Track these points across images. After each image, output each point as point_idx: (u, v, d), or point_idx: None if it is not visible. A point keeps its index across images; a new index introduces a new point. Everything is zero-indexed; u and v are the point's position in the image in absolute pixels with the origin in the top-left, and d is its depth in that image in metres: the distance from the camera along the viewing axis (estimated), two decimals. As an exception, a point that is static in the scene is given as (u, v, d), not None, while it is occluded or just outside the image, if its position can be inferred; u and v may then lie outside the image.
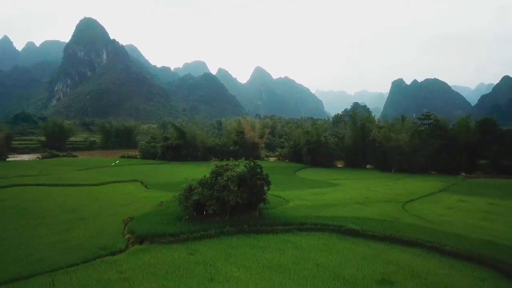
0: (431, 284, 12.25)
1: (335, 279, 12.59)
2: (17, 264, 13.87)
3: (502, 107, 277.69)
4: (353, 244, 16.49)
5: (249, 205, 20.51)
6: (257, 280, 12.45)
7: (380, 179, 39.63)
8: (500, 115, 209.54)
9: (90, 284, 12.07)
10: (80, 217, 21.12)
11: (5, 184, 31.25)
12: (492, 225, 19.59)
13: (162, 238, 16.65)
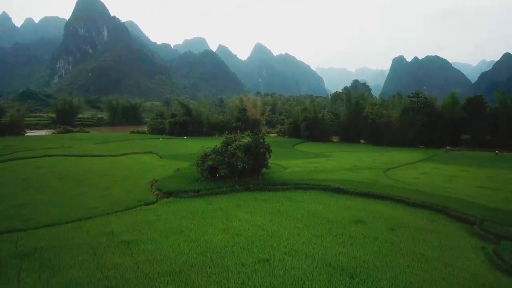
0: (393, 223, 16.22)
1: (321, 220, 16.55)
2: (75, 210, 17.85)
3: (501, 84, 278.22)
4: (337, 198, 20.47)
5: (253, 169, 24.45)
6: (261, 220, 16.43)
7: (370, 151, 43.50)
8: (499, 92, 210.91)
9: (136, 222, 16.04)
10: (112, 180, 25.09)
11: (37, 154, 35.15)
12: (454, 185, 23.53)
13: (184, 194, 20.64)
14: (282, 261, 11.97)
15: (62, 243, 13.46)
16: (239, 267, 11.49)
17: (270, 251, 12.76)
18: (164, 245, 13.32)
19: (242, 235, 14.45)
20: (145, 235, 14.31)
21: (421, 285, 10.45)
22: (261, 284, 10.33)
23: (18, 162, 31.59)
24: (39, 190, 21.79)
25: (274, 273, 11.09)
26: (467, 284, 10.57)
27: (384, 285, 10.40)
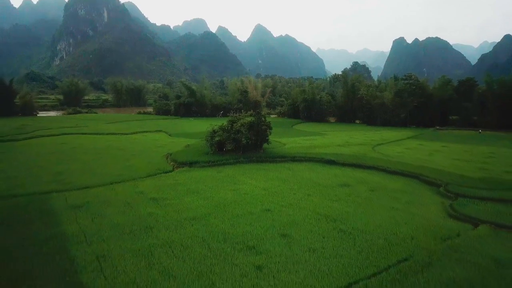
0: (373, 186, 19.29)
1: (313, 184, 19.62)
2: (105, 177, 20.89)
3: (501, 66, 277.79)
4: (329, 168, 23.54)
5: (256, 144, 27.45)
6: (263, 184, 19.51)
7: (364, 131, 46.42)
8: (498, 74, 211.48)
9: (159, 185, 19.12)
10: (130, 154, 28.11)
11: (56, 133, 38.09)
12: (433, 158, 26.57)
13: (196, 164, 23.70)
14: (281, 211, 15.08)
15: (103, 199, 16.56)
16: (247, 214, 14.60)
17: (271, 205, 15.86)
18: (185, 201, 16.42)
19: (248, 194, 17.55)
20: (169, 194, 17.41)
21: (387, 226, 13.56)
22: (265, 225, 13.45)
23: (42, 139, 34.56)
24: (69, 162, 24.81)
25: (274, 218, 14.21)
26: (423, 226, 13.68)
27: (358, 225, 13.52)
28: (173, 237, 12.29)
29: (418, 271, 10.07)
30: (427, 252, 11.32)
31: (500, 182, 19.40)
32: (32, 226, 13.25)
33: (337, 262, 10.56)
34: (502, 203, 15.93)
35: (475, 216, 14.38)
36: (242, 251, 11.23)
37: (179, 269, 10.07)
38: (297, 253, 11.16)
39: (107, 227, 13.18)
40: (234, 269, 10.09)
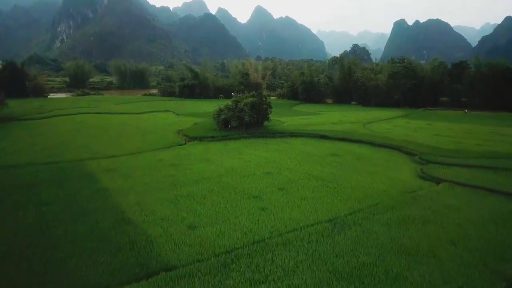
0: (359, 156, 22.24)
1: (307, 154, 22.57)
2: (127, 148, 23.84)
3: (501, 48, 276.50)
4: (322, 142, 26.47)
5: (257, 122, 30.31)
6: (264, 154, 22.46)
7: (358, 111, 49.14)
8: (498, 56, 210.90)
9: (175, 155, 22.08)
10: (144, 130, 30.99)
11: (72, 112, 40.87)
12: (416, 134, 29.45)
13: (205, 139, 26.64)
14: (279, 173, 18.09)
15: (130, 164, 19.57)
16: (251, 175, 17.61)
17: (271, 169, 18.86)
18: (199, 166, 19.41)
19: (251, 161, 20.54)
20: (184, 161, 20.40)
21: (366, 184, 16.53)
22: (266, 183, 16.45)
23: (61, 118, 37.37)
24: (92, 137, 27.73)
25: (273, 178, 17.21)
26: (395, 183, 16.68)
27: (342, 183, 16.53)
28: (193, 190, 15.31)
29: (383, 212, 13.11)
30: (393, 200, 14.37)
31: (468, 152, 22.35)
32: (78, 183, 16.28)
33: (322, 206, 13.59)
34: (464, 167, 18.92)
35: (438, 176, 17.40)
36: (249, 199, 14.27)
37: (201, 209, 13.12)
38: (291, 200, 14.21)
39: (138, 184, 16.19)
40: (242, 210, 13.14)
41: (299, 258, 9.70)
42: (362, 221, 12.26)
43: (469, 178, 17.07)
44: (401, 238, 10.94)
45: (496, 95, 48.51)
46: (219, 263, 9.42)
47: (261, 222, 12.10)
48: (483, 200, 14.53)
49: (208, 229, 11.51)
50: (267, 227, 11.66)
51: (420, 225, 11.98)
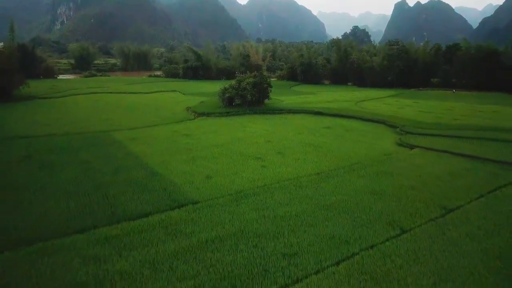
0: (349, 128, 25.08)
1: (303, 127, 25.38)
2: (143, 122, 26.63)
3: (501, 30, 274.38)
4: (317, 117, 29.28)
5: (259, 100, 33.02)
6: (265, 127, 25.29)
7: (353, 91, 51.66)
8: (498, 39, 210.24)
9: (187, 127, 24.88)
10: (155, 108, 33.69)
11: (86, 92, 43.46)
12: (402, 110, 32.17)
13: (212, 114, 29.44)
14: (278, 142, 20.97)
15: (149, 135, 22.43)
16: (254, 143, 20.50)
17: (271, 138, 21.74)
18: (209, 136, 22.28)
19: (254, 133, 23.41)
20: (196, 132, 23.27)
21: (351, 150, 19.40)
22: (267, 148, 19.34)
23: (76, 97, 39.99)
24: (109, 113, 30.48)
25: (273, 145, 20.11)
26: (376, 149, 19.59)
27: (331, 148, 19.42)
28: (206, 153, 18.23)
29: (361, 168, 16.05)
30: (371, 160, 17.33)
31: (444, 125, 25.18)
32: (109, 148, 19.20)
33: (312, 165, 16.53)
34: (437, 137, 21.80)
35: (413, 143, 20.32)
36: (252, 160, 17.21)
37: (214, 166, 16.06)
38: (287, 160, 17.16)
39: (159, 149, 19.08)
40: (248, 167, 16.07)
41: (291, 197, 12.70)
42: (343, 174, 15.25)
43: (439, 144, 20.00)
44: (372, 185, 13.93)
45: (483, 76, 50.88)
46: (231, 199, 12.42)
47: (263, 174, 15.07)
48: (446, 160, 17.49)
49: (221, 179, 14.47)
50: (267, 178, 14.64)
51: (389, 177, 14.96)
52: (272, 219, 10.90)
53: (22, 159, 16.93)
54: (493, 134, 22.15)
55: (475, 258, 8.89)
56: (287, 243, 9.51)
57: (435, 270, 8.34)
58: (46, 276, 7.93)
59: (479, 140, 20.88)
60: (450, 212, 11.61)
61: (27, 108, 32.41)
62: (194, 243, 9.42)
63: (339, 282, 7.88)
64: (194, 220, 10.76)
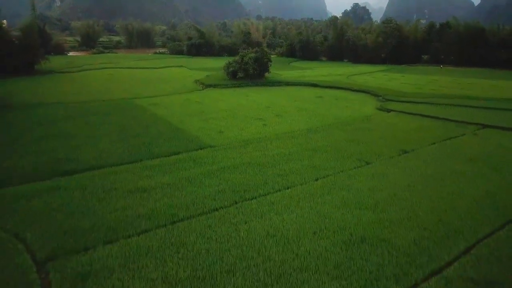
0: (338, 97, 28.30)
1: (298, 97, 28.58)
2: (157, 92, 29.79)
3: (501, 7, 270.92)
4: (311, 89, 32.43)
5: (260, 74, 36.04)
6: (265, 97, 28.49)
7: (347, 67, 54.39)
8: (498, 15, 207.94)
9: (197, 96, 28.09)
10: (166, 81, 36.69)
11: (99, 67, 46.24)
12: (388, 83, 35.27)
13: (218, 86, 32.58)
14: (276, 108, 24.24)
15: (166, 102, 25.66)
16: (256, 109, 23.79)
17: (270, 105, 25.00)
18: (217, 104, 25.53)
19: (255, 101, 26.66)
20: (205, 100, 26.53)
21: (338, 113, 22.72)
22: (267, 112, 22.66)
23: (92, 71, 42.86)
24: (126, 85, 33.52)
25: (272, 110, 23.41)
26: (358, 113, 22.91)
27: (319, 112, 22.76)
28: (216, 116, 21.55)
29: (343, 125, 19.43)
30: (353, 120, 20.72)
31: (423, 94, 28.40)
32: (134, 111, 22.51)
33: (304, 124, 19.88)
34: (413, 103, 25.09)
35: (391, 108, 23.64)
36: (255, 120, 20.57)
37: (224, 124, 19.43)
38: (284, 120, 20.54)
39: (177, 113, 22.36)
40: (251, 125, 19.46)
41: (286, 144, 16.16)
42: (328, 129, 18.70)
43: (412, 109, 23.34)
44: (350, 136, 17.37)
45: (470, 53, 53.50)
46: (240, 145, 15.88)
47: (264, 130, 18.49)
48: (415, 120, 20.89)
49: (230, 133, 17.88)
50: (267, 132, 18.06)
51: (365, 131, 18.39)
52: (271, 156, 14.41)
53: (65, 119, 20.31)
54: (461, 101, 25.47)
55: (413, 176, 12.44)
56: (281, 169, 13.04)
57: (385, 184, 11.89)
58: (116, 185, 11.47)
59: (448, 106, 24.22)
60: (406, 153, 15.12)
61: (52, 80, 35.46)
62: (215, 168, 12.95)
63: (316, 189, 11.44)
64: (213, 156, 14.28)
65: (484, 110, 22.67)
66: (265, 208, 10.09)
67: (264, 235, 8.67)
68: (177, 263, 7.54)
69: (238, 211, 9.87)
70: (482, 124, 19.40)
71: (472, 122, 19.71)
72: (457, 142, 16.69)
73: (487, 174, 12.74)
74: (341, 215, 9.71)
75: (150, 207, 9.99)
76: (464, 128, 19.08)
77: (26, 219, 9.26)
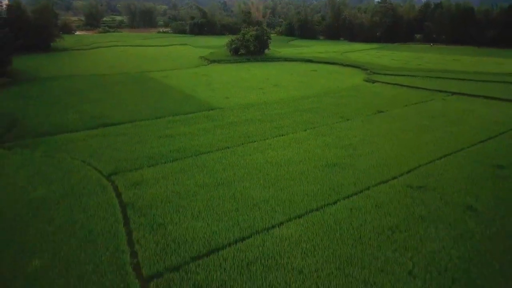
0: (332, 71, 30.90)
1: (295, 70, 31.17)
2: (168, 67, 32.35)
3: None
4: (307, 64, 34.92)
5: (260, 50, 38.45)
6: (265, 71, 31.06)
7: (342, 45, 56.43)
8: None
9: (203, 70, 30.71)
10: (173, 58, 39.07)
11: (109, 45, 48.42)
12: (379, 59, 37.69)
13: (221, 61, 35.08)
14: (274, 79, 26.92)
15: (176, 74, 28.27)
16: (256, 80, 26.48)
17: (269, 77, 27.65)
18: (221, 76, 28.15)
19: (256, 74, 29.31)
20: (211, 73, 29.12)
21: (330, 84, 25.47)
22: (266, 82, 25.37)
23: (103, 49, 45.12)
24: (138, 61, 35.94)
25: (271, 81, 26.10)
26: (347, 84, 25.61)
27: (313, 84, 25.49)
28: (221, 86, 24.26)
29: (332, 93, 22.24)
30: (341, 89, 23.52)
31: (407, 68, 30.95)
32: (149, 82, 25.22)
33: (298, 92, 22.65)
34: (397, 76, 27.74)
35: (376, 80, 26.35)
36: (256, 89, 23.32)
37: (229, 92, 22.18)
38: (280, 90, 23.30)
39: (187, 83, 25.07)
40: (252, 93, 22.21)
41: (281, 106, 19.01)
42: (318, 96, 21.51)
43: (394, 80, 26.01)
44: (336, 101, 20.22)
45: (460, 32, 55.36)
46: (243, 107, 18.73)
47: (263, 97, 21.30)
48: (394, 89, 23.64)
49: (235, 99, 20.70)
50: (266, 98, 20.86)
51: (350, 97, 21.20)
52: (269, 115, 17.31)
53: (90, 88, 23.05)
54: (440, 74, 28.12)
55: (382, 128, 15.40)
56: (277, 124, 15.96)
57: (359, 132, 14.82)
58: (148, 133, 14.42)
59: (427, 78, 26.89)
60: (381, 112, 18.01)
61: (69, 57, 37.89)
62: (224, 123, 15.89)
63: (304, 136, 14.38)
64: (222, 114, 17.20)
65: (457, 81, 25.38)
66: (264, 147, 13.09)
67: (263, 162, 11.69)
68: (202, 176, 10.59)
69: (244, 149, 12.89)
70: (451, 92, 22.19)
71: (444, 91, 22.50)
72: (426, 105, 19.56)
73: (443, 126, 15.68)
74: (321, 151, 12.71)
75: (178, 146, 12.98)
76: (436, 95, 21.88)
77: (86, 153, 12.28)
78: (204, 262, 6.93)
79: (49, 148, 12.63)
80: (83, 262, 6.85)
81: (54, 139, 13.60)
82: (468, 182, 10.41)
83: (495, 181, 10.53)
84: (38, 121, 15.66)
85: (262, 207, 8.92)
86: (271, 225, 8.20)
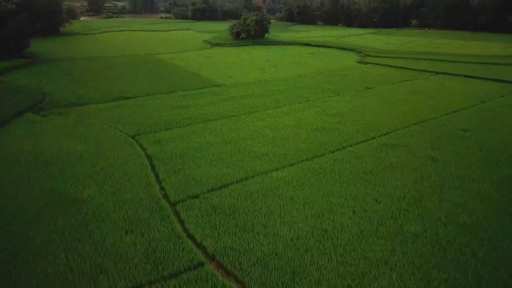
0: (328, 54, 32.34)
1: (293, 54, 32.61)
2: (174, 49, 33.79)
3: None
4: (305, 47, 36.34)
5: (260, 34, 39.73)
6: (264, 53, 32.50)
7: (340, 30, 57.47)
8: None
9: (206, 52, 32.17)
10: (178, 41, 40.38)
11: (115, 30, 49.57)
12: (373, 43, 38.98)
13: (224, 45, 36.46)
14: (274, 61, 28.46)
15: (181, 57, 29.80)
16: (257, 61, 28.00)
17: (269, 59, 29.14)
18: (224, 58, 29.65)
19: (256, 56, 30.79)
20: (214, 55, 30.62)
21: (325, 65, 27.00)
22: (265, 64, 26.92)
23: (111, 33, 46.32)
24: (145, 44, 37.29)
25: (270, 62, 27.67)
26: (342, 65, 27.16)
27: (311, 64, 27.04)
28: (224, 66, 25.82)
29: (327, 73, 23.81)
30: (335, 69, 25.08)
31: (397, 51, 32.42)
32: (157, 63, 26.75)
33: (295, 72, 24.24)
34: (387, 58, 29.26)
35: (368, 61, 27.88)
36: (256, 69, 24.92)
37: (232, 72, 23.76)
38: (279, 69, 24.90)
39: (193, 64, 26.61)
40: (254, 72, 23.81)
41: (280, 84, 20.66)
42: (313, 75, 23.13)
43: (384, 62, 27.55)
44: (329, 79, 21.84)
45: (454, 18, 56.29)
46: (245, 84, 20.39)
47: (263, 76, 22.93)
48: (384, 70, 25.21)
49: (237, 77, 22.34)
50: (266, 77, 22.50)
51: (343, 76, 22.82)
52: (268, 91, 19.00)
53: (105, 68, 24.66)
54: (427, 56, 29.62)
55: (368, 100, 17.13)
56: (275, 98, 17.68)
57: (347, 104, 16.55)
58: (162, 104, 16.17)
59: (415, 60, 28.40)
60: (369, 89, 19.70)
61: (79, 40, 39.25)
62: (228, 97, 17.61)
63: (298, 107, 16.12)
64: (226, 90, 18.91)
65: (442, 63, 26.93)
66: (264, 116, 14.85)
67: (263, 127, 13.48)
68: (212, 136, 12.40)
69: (247, 117, 14.66)
70: (435, 71, 23.80)
71: (428, 70, 24.10)
72: (410, 83, 21.21)
73: (422, 100, 17.39)
74: (313, 119, 14.48)
75: (189, 115, 14.75)
76: (421, 74, 23.49)
77: (111, 119, 14.05)
78: (217, 193, 8.79)
79: (78, 116, 14.41)
80: (123, 192, 8.72)
81: (81, 109, 15.37)
82: (435, 141, 12.22)
83: (457, 140, 12.34)
84: (64, 95, 17.38)
85: (262, 158, 10.75)
86: (269, 170, 10.04)
